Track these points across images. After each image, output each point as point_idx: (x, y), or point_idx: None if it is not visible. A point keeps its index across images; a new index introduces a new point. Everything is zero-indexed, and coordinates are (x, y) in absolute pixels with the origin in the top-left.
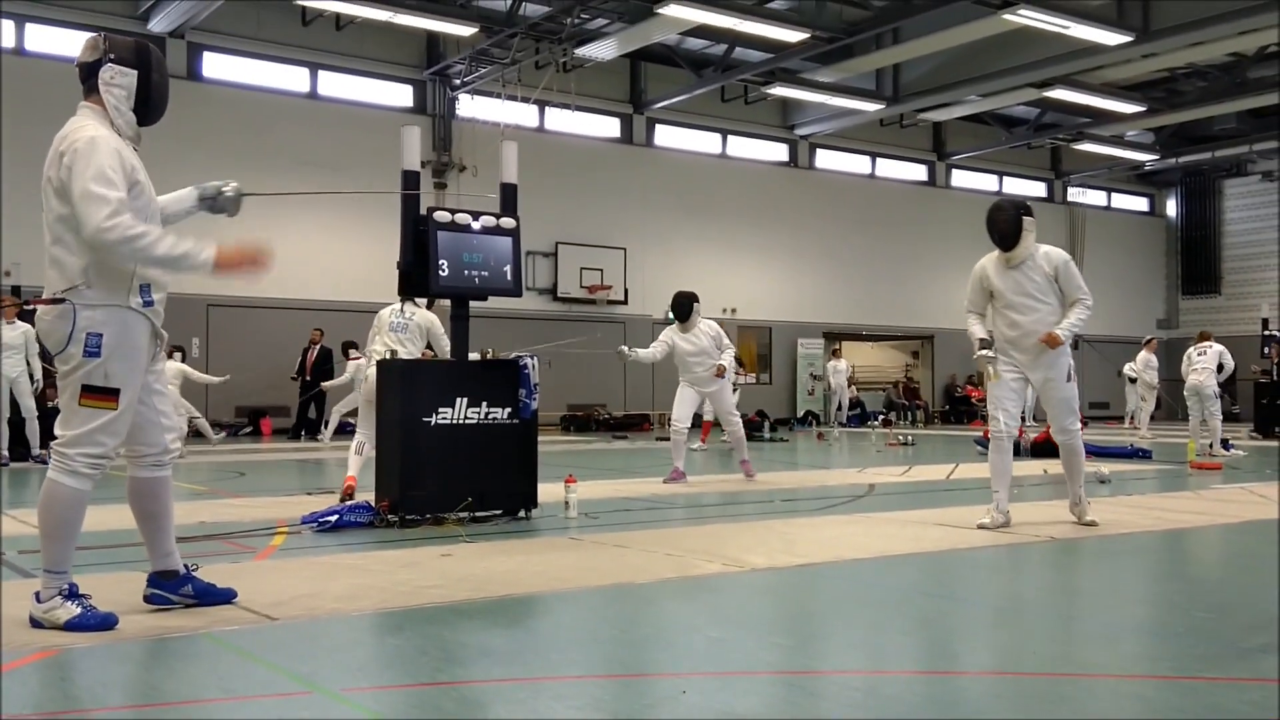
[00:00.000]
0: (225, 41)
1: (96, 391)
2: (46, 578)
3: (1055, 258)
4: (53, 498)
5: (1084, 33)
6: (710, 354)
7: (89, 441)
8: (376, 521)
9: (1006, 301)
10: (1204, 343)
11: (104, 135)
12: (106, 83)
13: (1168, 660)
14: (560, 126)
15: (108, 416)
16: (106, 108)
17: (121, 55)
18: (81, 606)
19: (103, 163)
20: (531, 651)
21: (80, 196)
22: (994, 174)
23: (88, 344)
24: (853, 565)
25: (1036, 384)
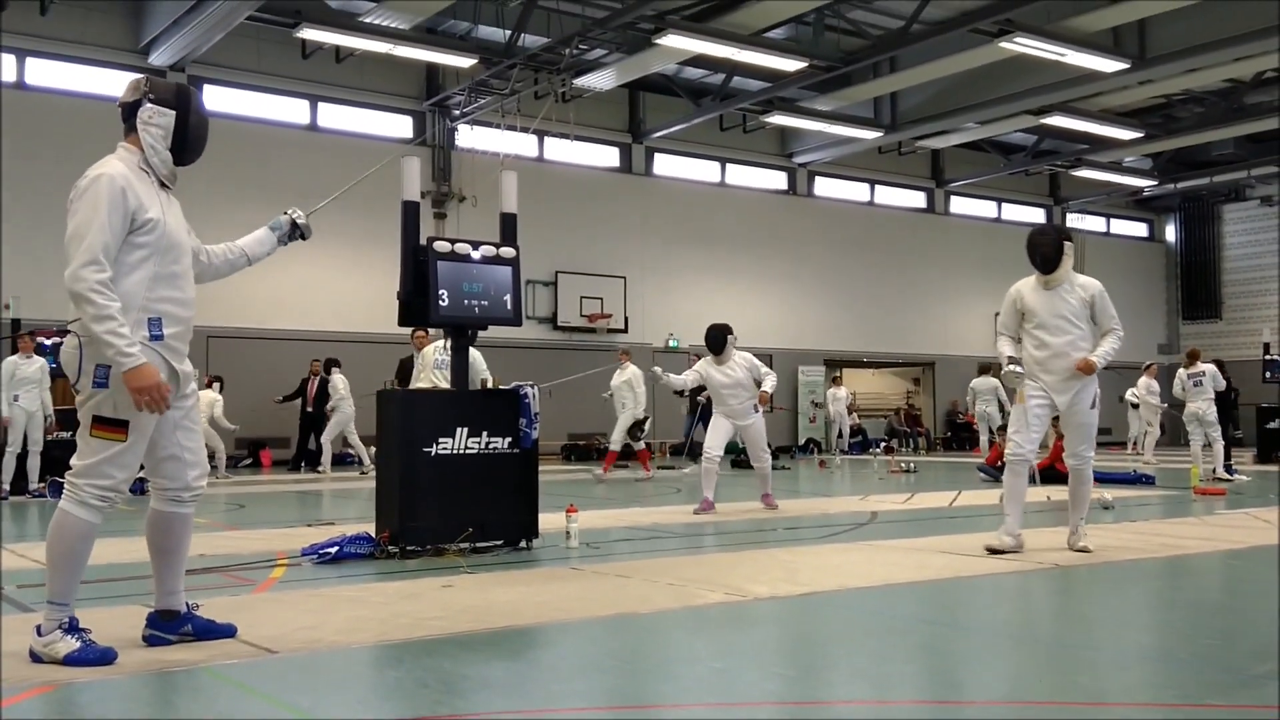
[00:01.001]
0: (226, 74)
1: (106, 423)
2: (49, 609)
3: (1092, 286)
4: (62, 528)
5: (1081, 60)
6: (745, 386)
7: (97, 473)
8: (377, 553)
9: (1039, 321)
10: (1194, 364)
11: (111, 174)
12: (145, 122)
13: (1173, 688)
14: (559, 156)
15: (117, 448)
16: (143, 146)
17: (161, 96)
18: (81, 641)
19: (95, 207)
20: (533, 683)
21: (68, 237)
22: (993, 201)
23: (96, 375)
24: (856, 594)
25: (1062, 407)
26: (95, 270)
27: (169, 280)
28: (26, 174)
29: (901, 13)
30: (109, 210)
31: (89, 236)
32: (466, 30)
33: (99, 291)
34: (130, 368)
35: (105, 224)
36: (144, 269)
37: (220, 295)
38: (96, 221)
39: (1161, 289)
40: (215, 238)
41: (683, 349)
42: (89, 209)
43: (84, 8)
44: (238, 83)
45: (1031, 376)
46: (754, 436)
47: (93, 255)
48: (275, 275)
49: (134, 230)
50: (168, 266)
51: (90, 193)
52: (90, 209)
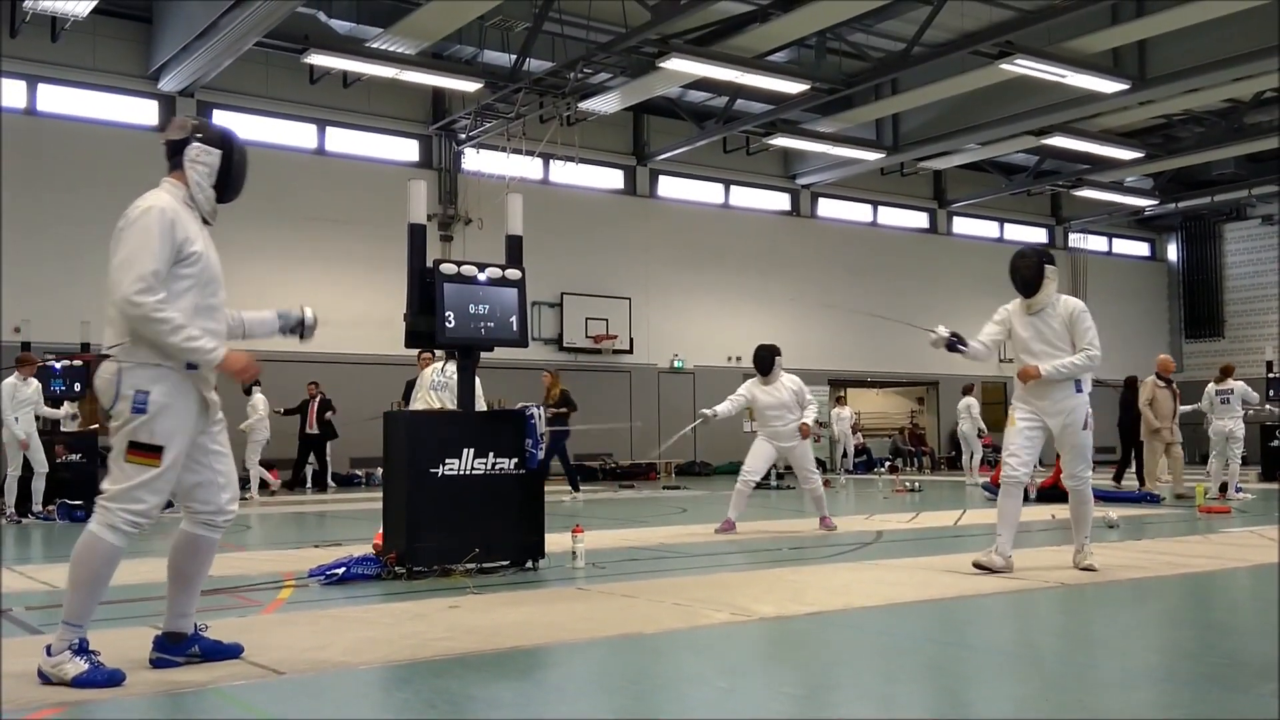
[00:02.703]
0: (234, 99)
1: (141, 448)
2: (63, 629)
3: (1071, 306)
4: (89, 550)
5: (1081, 81)
6: (790, 408)
7: (130, 498)
8: (383, 573)
9: (1026, 348)
10: (1225, 380)
11: (161, 206)
12: (192, 160)
13: (1180, 707)
14: (564, 179)
15: (151, 474)
16: (189, 183)
17: (208, 136)
18: (89, 662)
19: (146, 236)
20: (540, 704)
21: (118, 263)
22: (995, 221)
23: (135, 400)
24: (862, 613)
25: (1055, 429)
26: (150, 294)
27: (207, 312)
28: (37, 199)
29: (903, 35)
30: (160, 240)
31: (140, 263)
32: (472, 55)
33: (159, 309)
34: (219, 359)
35: (156, 252)
36: (185, 299)
37: None
38: (148, 249)
39: (1164, 308)
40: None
41: (687, 369)
42: (140, 237)
43: (94, 34)
44: (246, 108)
45: (1025, 401)
46: (800, 459)
47: (145, 281)
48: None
49: (179, 261)
50: (206, 299)
51: (141, 222)
52: (141, 237)
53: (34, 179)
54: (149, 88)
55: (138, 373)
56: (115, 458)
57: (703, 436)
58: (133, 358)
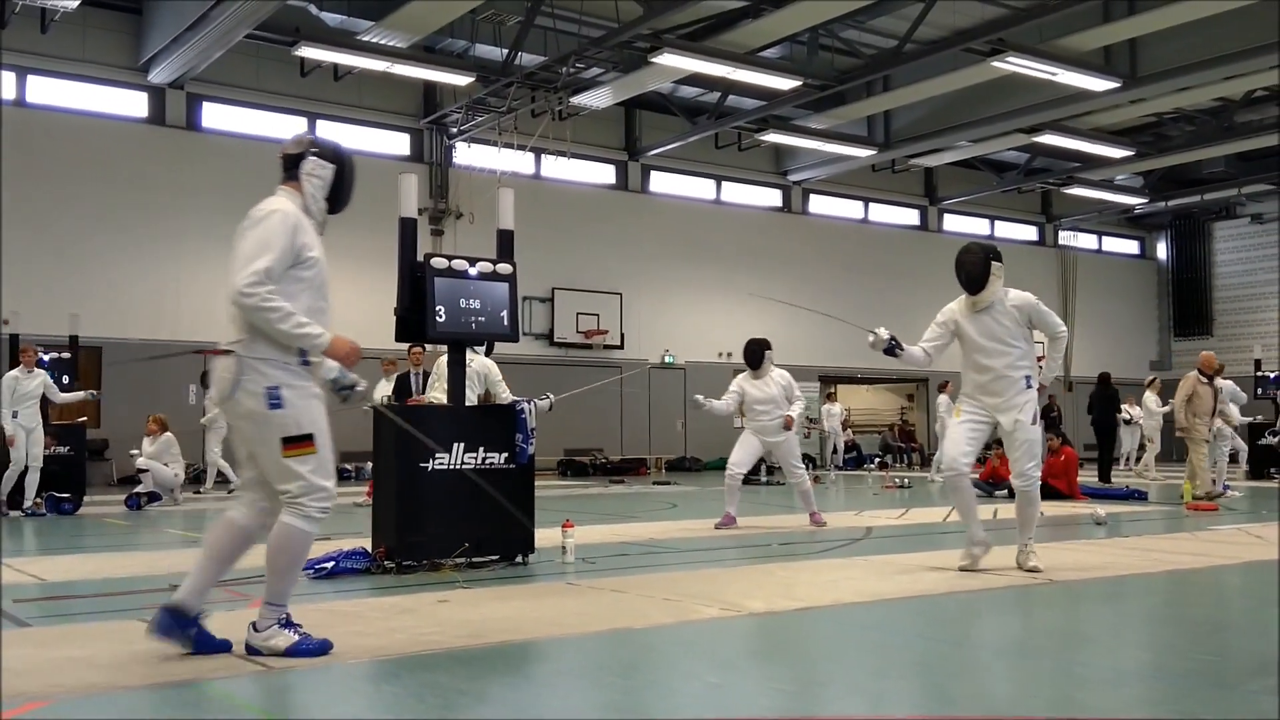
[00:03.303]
0: (224, 92)
1: (295, 441)
2: (266, 609)
3: (1025, 301)
4: (288, 539)
5: (1072, 79)
6: (779, 403)
7: (314, 488)
8: (373, 568)
9: (975, 345)
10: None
11: (285, 210)
12: (308, 173)
13: (1168, 704)
14: (556, 174)
15: (314, 460)
16: (304, 194)
17: (323, 151)
18: (298, 634)
19: (268, 234)
20: (529, 698)
21: (237, 257)
22: (986, 218)
23: (269, 397)
24: (851, 609)
25: (1006, 425)
26: (262, 286)
27: (318, 314)
28: (26, 191)
29: (895, 32)
30: (281, 240)
31: (259, 259)
32: (464, 49)
33: (269, 299)
34: (326, 344)
35: (275, 251)
36: (300, 301)
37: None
38: (267, 247)
39: (1153, 306)
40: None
41: (678, 365)
42: (263, 236)
43: (84, 25)
44: (236, 100)
45: (972, 398)
46: (785, 454)
47: (259, 275)
48: None
49: (298, 264)
50: (318, 302)
51: (266, 223)
52: (264, 236)
53: (23, 171)
54: (139, 79)
55: (261, 368)
56: (273, 460)
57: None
58: (252, 352)
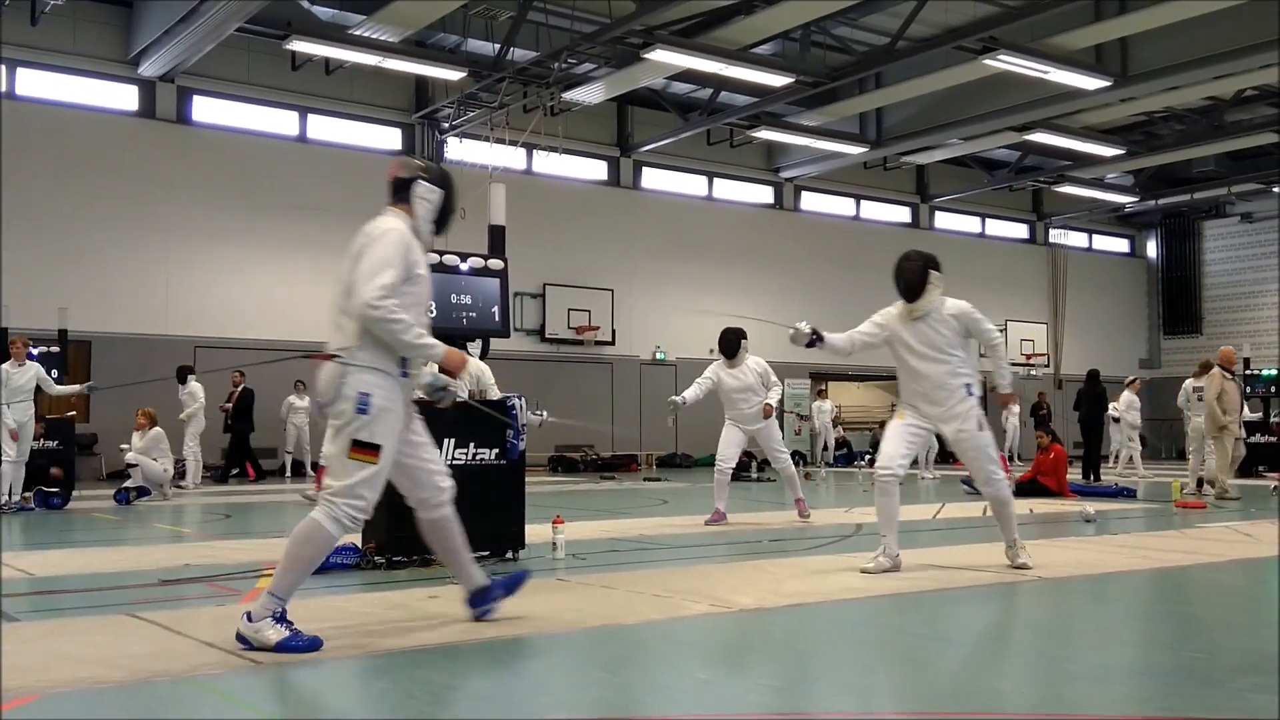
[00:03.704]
0: (215, 85)
1: (363, 446)
2: (267, 599)
3: (962, 309)
4: (310, 535)
5: (1063, 78)
6: (756, 391)
7: (353, 494)
8: (363, 563)
9: (914, 353)
10: (1204, 376)
11: (401, 229)
12: (420, 196)
13: (1156, 701)
14: (548, 169)
15: (370, 470)
16: (415, 215)
17: (433, 176)
18: (289, 630)
19: (389, 251)
20: (519, 694)
21: (362, 272)
22: (976, 216)
23: (359, 402)
24: (840, 605)
25: (949, 435)
26: (388, 299)
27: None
28: (14, 185)
29: (887, 29)
30: (399, 257)
31: (382, 274)
32: (456, 44)
33: (394, 312)
34: (442, 355)
35: (396, 266)
36: (407, 314)
37: (209, 306)
38: (389, 263)
39: (1143, 304)
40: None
41: (669, 361)
42: (384, 251)
43: (74, 18)
44: (227, 94)
45: (912, 408)
46: (767, 439)
47: (386, 289)
48: (265, 286)
49: (407, 280)
50: (420, 317)
51: (385, 239)
52: (384, 251)
53: (11, 164)
54: (129, 73)
55: (362, 375)
56: (338, 455)
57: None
58: (357, 360)
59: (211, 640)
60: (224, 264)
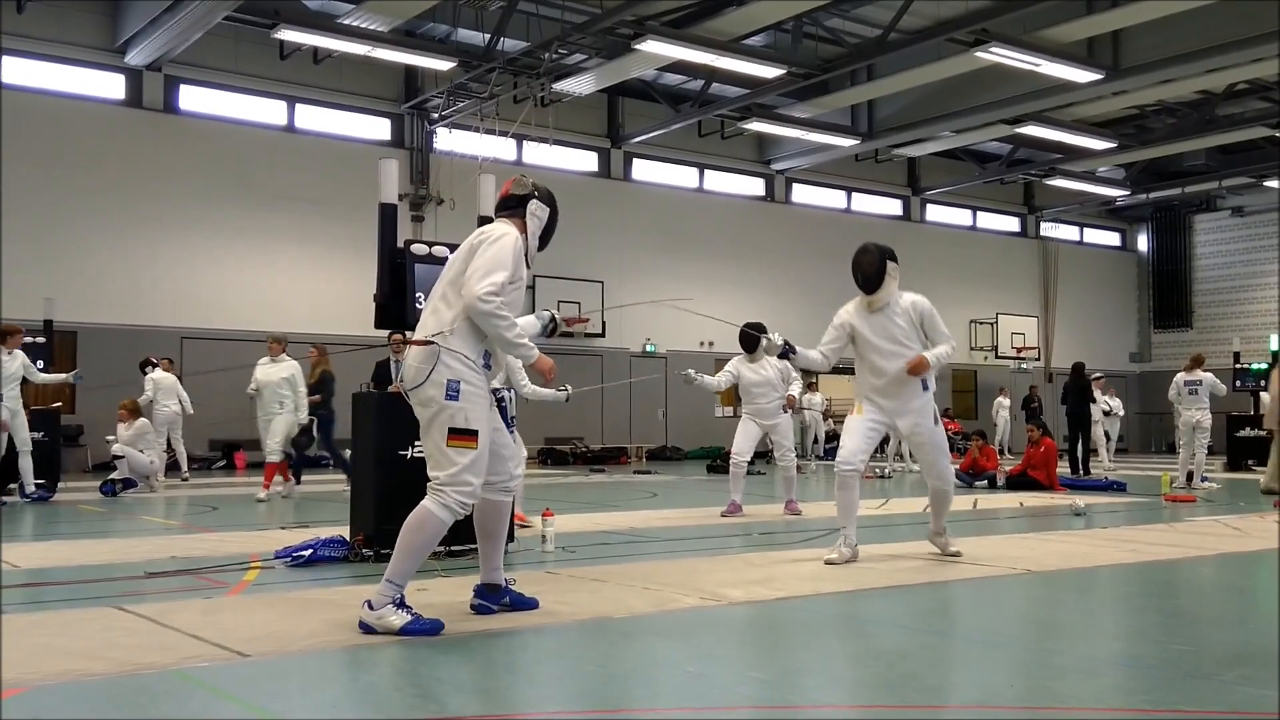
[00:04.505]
0: (202, 74)
1: (461, 433)
2: (386, 586)
3: (921, 304)
4: (423, 524)
5: (1055, 70)
6: (776, 386)
7: (459, 481)
8: (351, 556)
9: (873, 347)
10: (1194, 371)
11: (516, 238)
12: (532, 213)
13: (1144, 694)
14: (538, 160)
15: (471, 455)
16: (526, 231)
17: (543, 196)
18: (410, 614)
19: (505, 255)
20: (508, 687)
21: (477, 268)
22: (968, 209)
23: (449, 388)
24: (830, 598)
25: (905, 430)
26: (498, 297)
27: None
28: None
29: (879, 21)
30: (512, 262)
31: (496, 274)
32: (446, 33)
33: (501, 309)
34: (535, 358)
35: (508, 270)
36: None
37: (196, 296)
38: (503, 265)
39: (1133, 298)
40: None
41: (660, 354)
42: (499, 254)
43: (61, 6)
44: (215, 83)
45: (870, 401)
46: (780, 436)
47: (497, 287)
48: (250, 277)
49: (512, 284)
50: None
51: (502, 242)
52: (500, 255)
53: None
54: (116, 61)
55: (450, 362)
56: (437, 445)
57: (674, 421)
58: (448, 344)
59: (198, 633)
60: (211, 254)
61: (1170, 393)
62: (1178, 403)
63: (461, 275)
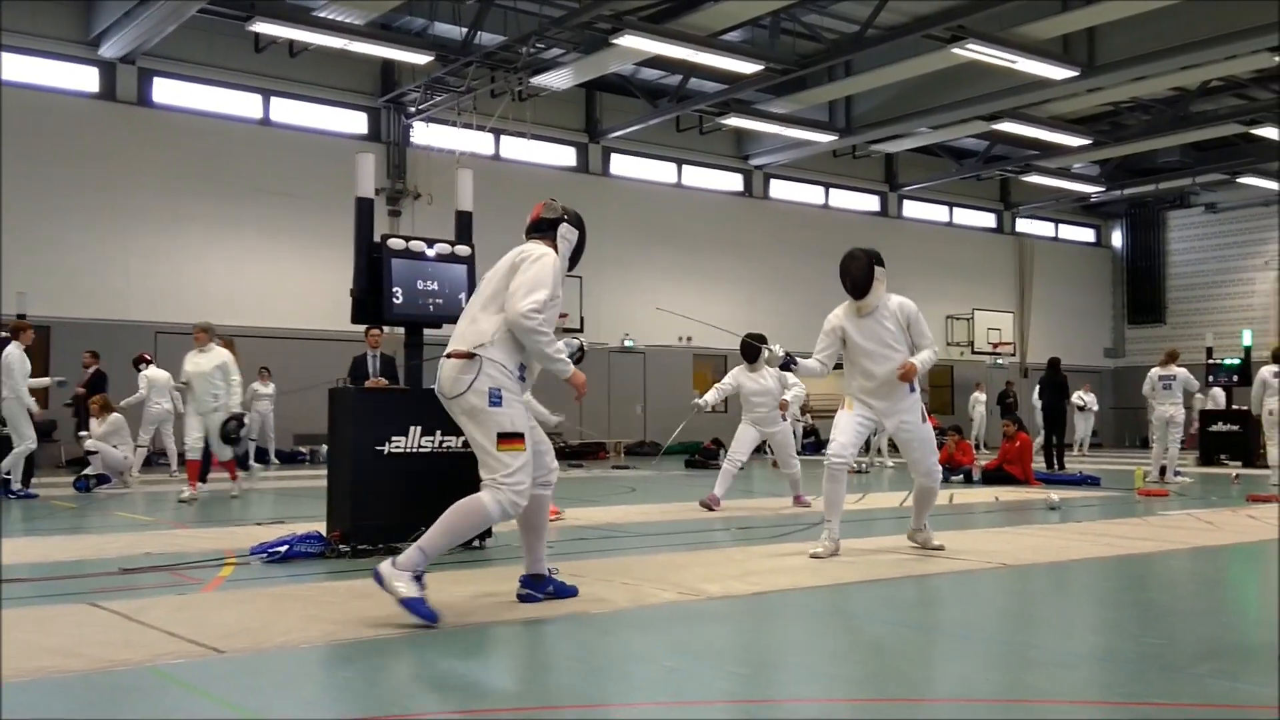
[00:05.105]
0: (177, 67)
1: (510, 437)
2: (415, 553)
3: (908, 308)
4: (473, 510)
5: (1031, 67)
6: (775, 394)
7: (515, 481)
8: (328, 552)
9: (863, 350)
10: (1169, 366)
11: (555, 259)
12: (563, 235)
13: (1119, 686)
14: (516, 155)
15: (524, 458)
16: (558, 251)
17: (573, 220)
18: (420, 591)
19: (547, 274)
20: (486, 683)
21: (522, 284)
22: (945, 205)
23: (491, 396)
24: (807, 593)
25: (892, 429)
26: (540, 314)
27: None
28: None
29: (856, 17)
30: (553, 281)
31: (539, 291)
32: (422, 27)
33: (543, 326)
34: (570, 373)
35: (549, 287)
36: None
37: (171, 291)
38: (544, 284)
39: (1108, 293)
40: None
41: (638, 349)
42: (541, 273)
43: None
44: (189, 76)
45: (860, 400)
46: (781, 443)
47: (540, 305)
48: (226, 272)
49: (550, 302)
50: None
51: (543, 261)
52: (542, 274)
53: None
54: (89, 54)
55: (491, 371)
56: (487, 450)
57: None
58: (488, 354)
59: (173, 629)
60: (186, 249)
61: (1145, 388)
62: (1152, 398)
63: (503, 291)
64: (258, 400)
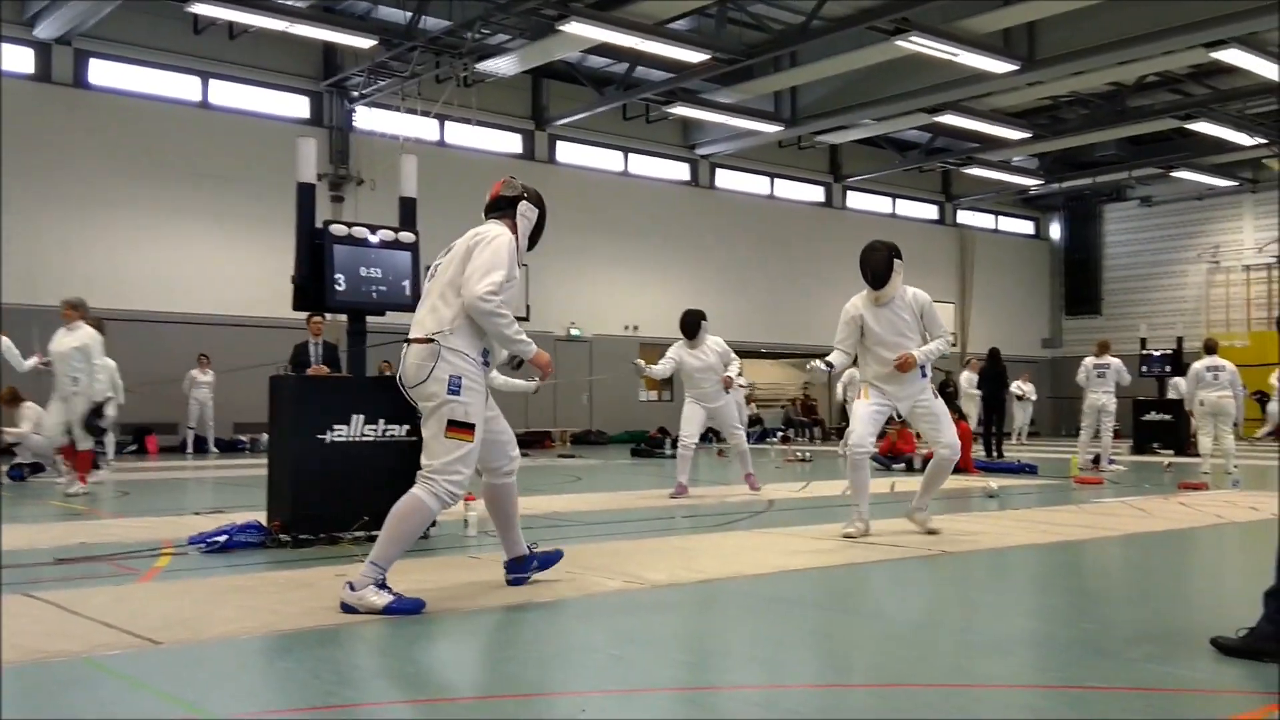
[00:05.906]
0: (114, 48)
1: (459, 426)
2: (369, 568)
3: (922, 298)
4: (411, 511)
5: (972, 60)
6: (717, 370)
7: (450, 470)
8: (268, 542)
9: (879, 339)
10: (1103, 356)
11: (510, 238)
12: (522, 214)
13: (1055, 670)
14: (461, 141)
15: (466, 448)
16: (516, 231)
17: (532, 198)
18: (392, 594)
19: (502, 255)
20: (428, 673)
21: (478, 267)
22: (888, 196)
23: (450, 384)
24: (752, 580)
25: (904, 411)
26: (497, 296)
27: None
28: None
29: (802, 8)
30: (508, 261)
31: (494, 274)
32: (366, 10)
33: (502, 308)
34: (533, 353)
35: (505, 270)
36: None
37: (108, 277)
38: (499, 265)
39: (1046, 285)
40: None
41: (584, 338)
42: (495, 254)
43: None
44: (127, 57)
45: (875, 387)
46: (726, 416)
47: (496, 287)
48: (164, 257)
49: (508, 282)
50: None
51: (498, 243)
52: (496, 255)
53: None
54: (24, 34)
55: (451, 359)
56: (435, 436)
57: (599, 405)
58: (448, 344)
59: (109, 620)
60: (124, 234)
61: (1079, 376)
62: (1085, 386)
63: (460, 276)
64: (196, 388)
